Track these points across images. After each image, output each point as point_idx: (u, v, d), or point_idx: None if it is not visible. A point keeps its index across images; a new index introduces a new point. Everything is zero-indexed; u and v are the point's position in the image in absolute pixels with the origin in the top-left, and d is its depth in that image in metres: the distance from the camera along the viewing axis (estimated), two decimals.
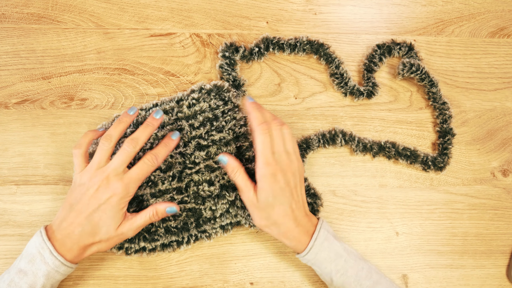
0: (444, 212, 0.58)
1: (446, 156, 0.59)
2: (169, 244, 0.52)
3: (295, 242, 0.48)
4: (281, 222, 0.47)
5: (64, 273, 0.45)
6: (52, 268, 0.44)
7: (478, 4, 0.67)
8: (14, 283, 0.43)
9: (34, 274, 0.43)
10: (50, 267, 0.43)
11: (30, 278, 0.43)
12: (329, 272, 0.48)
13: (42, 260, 0.44)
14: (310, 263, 0.49)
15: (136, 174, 0.46)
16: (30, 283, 0.43)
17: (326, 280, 0.49)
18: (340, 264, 0.48)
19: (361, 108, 0.60)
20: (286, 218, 0.47)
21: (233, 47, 0.58)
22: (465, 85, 0.63)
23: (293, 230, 0.47)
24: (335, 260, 0.48)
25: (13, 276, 0.43)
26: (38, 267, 0.43)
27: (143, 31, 0.59)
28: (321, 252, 0.48)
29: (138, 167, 0.46)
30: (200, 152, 0.52)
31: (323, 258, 0.48)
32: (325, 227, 0.49)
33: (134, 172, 0.46)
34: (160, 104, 0.55)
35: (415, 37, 0.64)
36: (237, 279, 0.53)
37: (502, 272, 0.57)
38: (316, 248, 0.48)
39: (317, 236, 0.48)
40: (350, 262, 0.48)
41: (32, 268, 0.43)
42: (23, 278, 0.43)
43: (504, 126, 0.62)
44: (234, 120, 0.54)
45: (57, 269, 0.44)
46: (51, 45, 0.57)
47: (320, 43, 0.60)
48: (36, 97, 0.56)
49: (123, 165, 0.45)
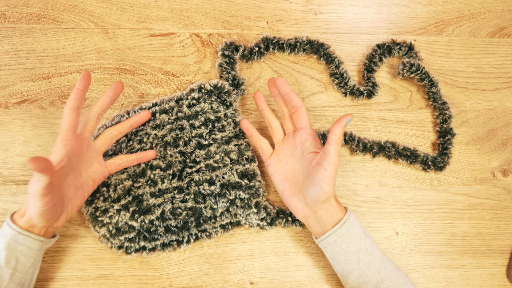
0: (444, 212, 0.58)
1: (446, 156, 0.59)
2: (169, 244, 0.52)
3: (330, 217, 0.47)
4: (331, 196, 0.47)
5: (26, 244, 0.44)
6: (9, 238, 0.43)
7: (478, 4, 0.67)
8: None
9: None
10: (8, 238, 0.43)
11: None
12: (357, 251, 0.47)
13: (2, 233, 0.44)
14: (340, 240, 0.47)
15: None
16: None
17: (352, 261, 0.47)
18: (369, 243, 0.48)
19: (361, 108, 0.60)
20: (330, 185, 0.46)
21: (233, 46, 0.58)
22: (465, 85, 0.63)
23: (333, 204, 0.48)
24: (365, 238, 0.48)
25: None
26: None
27: (143, 31, 0.59)
28: (353, 228, 0.47)
29: None
30: (201, 151, 0.52)
31: (354, 234, 0.47)
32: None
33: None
34: (159, 103, 0.55)
35: (415, 37, 0.64)
36: (237, 279, 0.53)
37: (502, 272, 0.57)
38: (349, 222, 0.47)
39: (350, 211, 0.48)
40: (374, 245, 0.48)
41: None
42: None
43: (504, 126, 0.62)
44: (234, 124, 0.54)
45: (15, 239, 0.43)
46: (51, 45, 0.57)
47: (320, 43, 0.60)
48: (36, 97, 0.56)
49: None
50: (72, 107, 0.45)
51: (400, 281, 0.47)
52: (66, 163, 0.44)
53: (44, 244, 0.46)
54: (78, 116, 0.45)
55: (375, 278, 0.47)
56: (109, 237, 0.50)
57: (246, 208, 0.52)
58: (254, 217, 0.52)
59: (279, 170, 0.51)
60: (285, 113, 0.52)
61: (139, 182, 0.51)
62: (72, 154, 0.45)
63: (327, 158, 0.45)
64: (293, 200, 0.49)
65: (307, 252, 0.55)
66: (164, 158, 0.52)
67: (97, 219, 0.50)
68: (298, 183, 0.49)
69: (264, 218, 0.53)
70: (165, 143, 0.53)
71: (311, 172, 0.47)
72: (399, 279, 0.47)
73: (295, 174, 0.50)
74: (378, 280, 0.47)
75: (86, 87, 0.46)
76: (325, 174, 0.45)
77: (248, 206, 0.52)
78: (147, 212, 0.50)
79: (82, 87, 0.45)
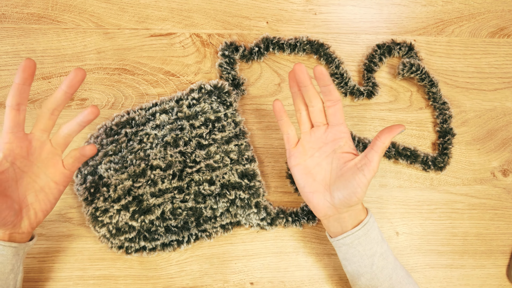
0: (444, 212, 0.58)
1: (446, 156, 0.59)
2: (169, 244, 0.52)
3: (352, 219, 0.46)
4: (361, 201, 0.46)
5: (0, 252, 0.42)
6: None
7: (478, 4, 0.67)
8: None
9: None
10: None
11: None
12: (372, 254, 0.46)
13: None
14: (357, 242, 0.46)
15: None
16: None
17: (365, 264, 0.46)
18: (384, 247, 0.47)
19: (361, 108, 0.60)
20: (363, 189, 0.45)
21: (233, 46, 0.58)
22: (465, 85, 0.63)
23: (359, 207, 0.47)
24: (381, 242, 0.47)
25: None
26: None
27: (143, 31, 0.59)
28: (372, 231, 0.46)
29: None
30: (201, 151, 0.53)
31: (372, 237, 0.46)
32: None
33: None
34: (159, 103, 0.55)
35: (415, 37, 0.64)
36: (237, 279, 0.53)
37: (502, 272, 0.57)
38: (369, 225, 0.46)
39: (371, 214, 0.47)
40: (389, 250, 0.47)
41: None
42: None
43: (504, 126, 0.62)
44: (234, 124, 0.54)
45: None
46: (51, 45, 0.57)
47: (320, 43, 0.60)
48: (36, 97, 0.56)
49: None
50: (10, 104, 0.40)
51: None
52: (7, 167, 0.41)
53: (20, 249, 0.44)
54: (19, 114, 0.40)
55: (386, 283, 0.46)
56: (109, 237, 0.50)
57: (246, 208, 0.52)
58: (254, 217, 0.52)
59: (302, 163, 0.48)
60: (304, 107, 0.48)
61: (139, 182, 0.51)
62: (16, 157, 0.41)
63: (369, 164, 0.43)
64: (315, 197, 0.47)
65: (307, 252, 0.55)
66: (164, 158, 0.52)
67: (97, 219, 0.50)
68: (325, 180, 0.47)
69: (264, 218, 0.53)
70: (165, 143, 0.53)
71: (346, 174, 0.45)
72: (409, 285, 0.46)
73: (320, 170, 0.47)
74: (388, 285, 0.46)
75: (27, 81, 0.39)
76: (363, 180, 0.43)
77: (248, 206, 0.52)
78: (147, 212, 0.50)
79: (21, 80, 0.39)
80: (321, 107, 0.47)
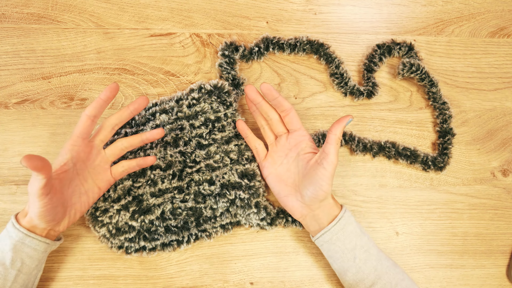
0: (444, 212, 0.58)
1: (446, 156, 0.59)
2: (169, 244, 0.52)
3: (326, 214, 0.48)
4: (329, 195, 0.48)
5: (33, 246, 0.44)
6: (16, 240, 0.44)
7: (478, 4, 0.67)
8: None
9: (1, 250, 0.44)
10: (15, 240, 0.44)
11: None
12: (353, 248, 0.47)
13: (7, 234, 0.44)
14: (335, 237, 0.48)
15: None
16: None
17: (348, 258, 0.48)
18: (364, 240, 0.48)
19: (361, 108, 0.60)
20: (329, 184, 0.47)
21: (233, 46, 0.58)
22: (465, 85, 0.63)
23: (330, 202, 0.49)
24: (360, 235, 0.48)
25: None
26: (4, 242, 0.44)
27: (143, 31, 0.59)
28: (348, 225, 0.48)
29: None
30: (201, 151, 0.53)
31: (349, 231, 0.48)
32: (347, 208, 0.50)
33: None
34: (159, 103, 0.55)
35: (415, 37, 0.64)
36: (237, 279, 0.53)
37: (502, 272, 0.57)
38: (344, 219, 0.48)
39: (345, 209, 0.49)
40: (371, 242, 0.49)
41: (1, 245, 0.44)
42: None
43: (504, 126, 0.62)
44: (234, 124, 0.54)
45: (22, 241, 0.44)
46: (51, 45, 0.57)
47: (320, 43, 0.60)
48: (36, 97, 0.56)
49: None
50: (89, 114, 0.45)
51: (398, 277, 0.47)
52: (70, 167, 0.45)
53: (50, 247, 0.46)
54: (92, 124, 0.46)
55: (372, 275, 0.47)
56: (109, 237, 0.50)
57: (246, 208, 0.52)
58: (254, 217, 0.52)
59: (273, 172, 0.52)
60: (265, 122, 0.52)
61: (139, 182, 0.51)
62: (78, 159, 0.46)
63: (326, 157, 0.46)
64: (290, 200, 0.50)
65: (307, 252, 0.55)
66: (164, 158, 0.52)
67: (97, 219, 0.50)
68: (294, 183, 0.50)
69: (264, 218, 0.53)
70: (165, 143, 0.53)
71: (310, 172, 0.47)
72: (396, 275, 0.47)
73: (290, 174, 0.51)
74: (375, 277, 0.47)
75: (110, 99, 0.46)
76: (324, 173, 0.46)
77: (248, 206, 0.52)
78: (147, 212, 0.50)
79: (105, 98, 0.45)
80: (277, 118, 0.51)
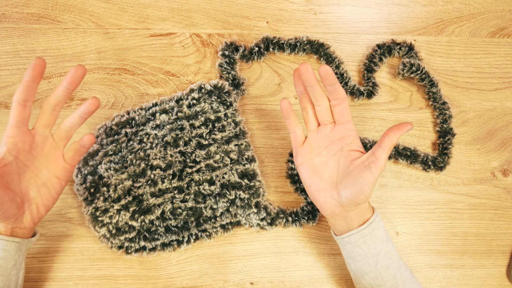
0: (444, 212, 0.58)
1: (446, 156, 0.59)
2: (169, 244, 0.52)
3: (359, 217, 0.46)
4: (368, 199, 0.46)
5: (1, 247, 0.42)
6: None
7: (478, 4, 0.67)
8: None
9: None
10: None
11: None
12: (377, 253, 0.46)
13: None
14: (362, 240, 0.46)
15: None
16: None
17: (370, 262, 0.46)
18: (389, 247, 0.47)
19: (361, 108, 0.60)
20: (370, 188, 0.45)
21: (233, 46, 0.58)
22: (465, 85, 0.63)
23: (366, 205, 0.47)
24: (386, 241, 0.46)
25: None
26: None
27: (143, 31, 0.59)
28: (377, 230, 0.46)
29: None
30: (201, 151, 0.53)
31: (377, 236, 0.46)
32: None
33: None
34: (159, 103, 0.55)
35: (415, 37, 0.64)
36: (237, 279, 0.53)
37: (502, 272, 0.57)
38: (375, 224, 0.46)
39: (377, 213, 0.47)
40: (394, 249, 0.47)
41: None
42: None
43: (504, 126, 0.62)
44: (234, 124, 0.54)
45: None
46: (51, 45, 0.57)
47: (320, 43, 0.60)
48: (36, 97, 0.56)
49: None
50: (17, 100, 0.41)
51: (414, 287, 0.47)
52: (11, 161, 0.42)
53: (23, 245, 0.44)
54: (25, 110, 0.41)
55: (390, 282, 0.46)
56: (109, 237, 0.50)
57: (246, 208, 0.52)
58: (254, 217, 0.52)
59: (309, 162, 0.48)
60: (310, 106, 0.48)
61: (139, 182, 0.51)
62: (19, 151, 0.42)
63: (376, 162, 0.43)
64: (322, 195, 0.47)
65: (307, 252, 0.55)
66: (164, 158, 0.52)
67: (97, 219, 0.50)
68: (332, 179, 0.47)
69: (264, 218, 0.53)
70: (165, 143, 0.53)
71: (353, 172, 0.44)
72: (412, 285, 0.47)
73: (327, 168, 0.47)
74: (392, 285, 0.46)
75: (36, 78, 0.40)
76: (370, 178, 0.43)
77: (248, 206, 0.52)
78: (147, 212, 0.50)
79: (30, 78, 0.40)
80: (327, 105, 0.46)
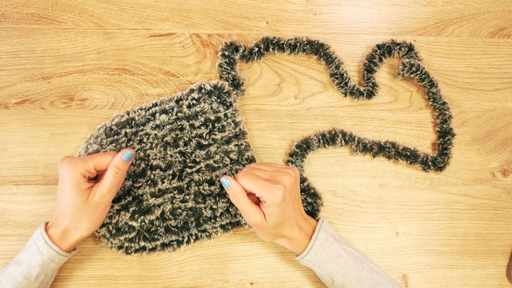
0: (444, 212, 0.58)
1: (446, 156, 0.59)
2: (169, 244, 0.52)
3: (297, 247, 0.49)
4: (287, 234, 0.48)
5: (59, 261, 0.46)
6: (47, 258, 0.45)
7: (478, 4, 0.67)
8: (9, 274, 0.44)
9: (29, 264, 0.44)
10: (45, 257, 0.45)
11: (24, 268, 0.44)
12: (329, 273, 0.48)
13: (37, 250, 0.45)
14: (311, 264, 0.49)
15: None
16: (25, 273, 0.44)
17: (327, 281, 0.49)
18: (341, 264, 0.48)
19: (361, 108, 0.60)
20: (292, 229, 0.48)
21: (233, 46, 0.58)
22: (465, 85, 0.63)
23: (296, 237, 0.48)
24: (335, 260, 0.48)
25: (9, 268, 0.45)
26: (33, 257, 0.45)
27: (143, 31, 0.59)
28: (321, 253, 0.48)
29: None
30: (201, 151, 0.53)
31: (323, 258, 0.48)
32: (324, 228, 0.50)
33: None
34: (159, 103, 0.55)
35: (415, 37, 0.64)
36: (237, 279, 0.53)
37: (502, 272, 0.57)
38: (315, 248, 0.48)
39: (316, 237, 0.49)
40: (351, 263, 0.48)
41: (27, 259, 0.45)
42: (18, 268, 0.44)
43: (504, 126, 0.62)
44: (234, 124, 0.54)
45: (52, 259, 0.45)
46: (51, 45, 0.57)
47: (320, 43, 0.60)
48: (36, 97, 0.56)
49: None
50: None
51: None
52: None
53: (67, 259, 0.48)
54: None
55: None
56: (109, 237, 0.50)
57: None
58: None
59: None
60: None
61: (139, 182, 0.51)
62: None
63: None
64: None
65: None
66: (164, 158, 0.52)
67: None
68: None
69: None
70: (165, 143, 0.53)
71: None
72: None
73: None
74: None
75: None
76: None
77: None
78: (147, 212, 0.50)
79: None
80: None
